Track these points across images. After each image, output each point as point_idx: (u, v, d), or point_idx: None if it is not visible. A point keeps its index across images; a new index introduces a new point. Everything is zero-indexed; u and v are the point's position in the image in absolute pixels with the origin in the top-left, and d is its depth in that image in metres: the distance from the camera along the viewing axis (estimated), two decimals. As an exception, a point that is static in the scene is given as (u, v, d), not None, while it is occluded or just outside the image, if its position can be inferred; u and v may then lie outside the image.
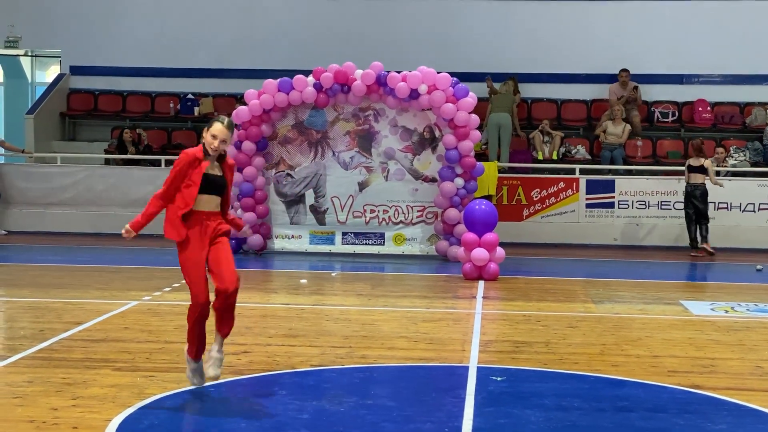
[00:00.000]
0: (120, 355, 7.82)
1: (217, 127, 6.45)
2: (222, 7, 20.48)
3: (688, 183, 15.88)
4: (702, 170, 15.79)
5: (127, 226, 6.64)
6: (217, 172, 6.55)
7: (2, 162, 18.85)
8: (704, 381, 7.30)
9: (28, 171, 18.13)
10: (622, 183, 17.26)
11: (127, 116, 20.29)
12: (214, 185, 6.49)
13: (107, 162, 18.93)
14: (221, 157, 6.56)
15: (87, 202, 17.73)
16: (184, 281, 12.07)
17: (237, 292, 6.50)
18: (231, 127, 6.52)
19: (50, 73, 23.01)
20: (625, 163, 18.17)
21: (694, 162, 15.86)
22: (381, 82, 14.35)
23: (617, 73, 19.14)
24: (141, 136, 18.76)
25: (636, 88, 18.92)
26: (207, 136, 6.47)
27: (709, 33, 19.51)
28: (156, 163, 18.29)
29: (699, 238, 15.88)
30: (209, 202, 6.50)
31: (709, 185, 15.77)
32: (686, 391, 6.97)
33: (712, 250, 15.75)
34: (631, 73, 19.06)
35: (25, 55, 22.53)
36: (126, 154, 18.28)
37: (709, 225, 15.92)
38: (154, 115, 20.30)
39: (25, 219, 17.81)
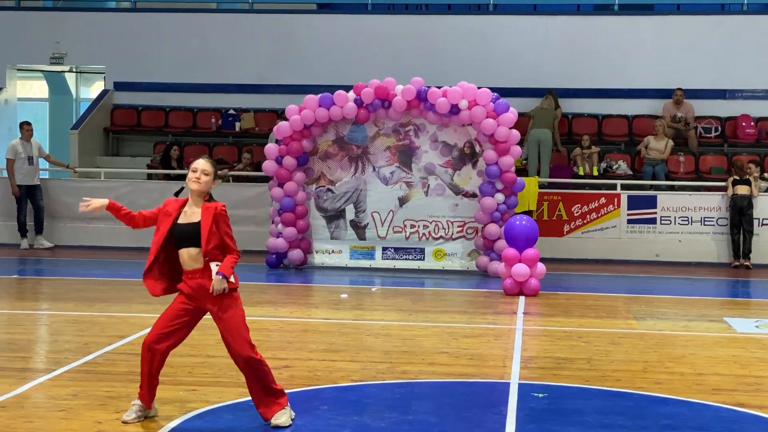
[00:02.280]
0: (163, 368, 7.86)
1: (196, 162, 6.20)
2: (263, 23, 20.62)
3: (734, 194, 16.21)
4: (747, 182, 16.37)
5: (96, 201, 6.36)
6: (190, 219, 6.20)
7: (47, 177, 19.08)
8: (749, 399, 7.21)
9: (73, 185, 18.31)
10: (664, 199, 17.11)
11: (169, 131, 20.46)
12: (181, 235, 6.18)
13: (150, 177, 19.10)
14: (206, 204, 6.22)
15: (130, 216, 17.86)
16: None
17: (250, 359, 6.16)
18: (213, 163, 6.22)
19: (94, 89, 23.29)
20: (667, 179, 18.02)
21: (739, 176, 16.42)
22: (421, 97, 14.37)
23: (659, 88, 19.10)
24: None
25: (688, 124, 18.79)
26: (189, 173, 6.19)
27: (752, 48, 19.33)
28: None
29: (741, 254, 16.30)
30: (185, 254, 6.20)
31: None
32: (731, 410, 6.89)
33: (750, 265, 16.21)
34: (671, 88, 18.95)
35: (70, 71, 22.82)
36: (170, 169, 18.47)
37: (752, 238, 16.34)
38: (196, 130, 20.46)
39: (70, 233, 17.99)
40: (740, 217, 16.30)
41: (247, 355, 6.10)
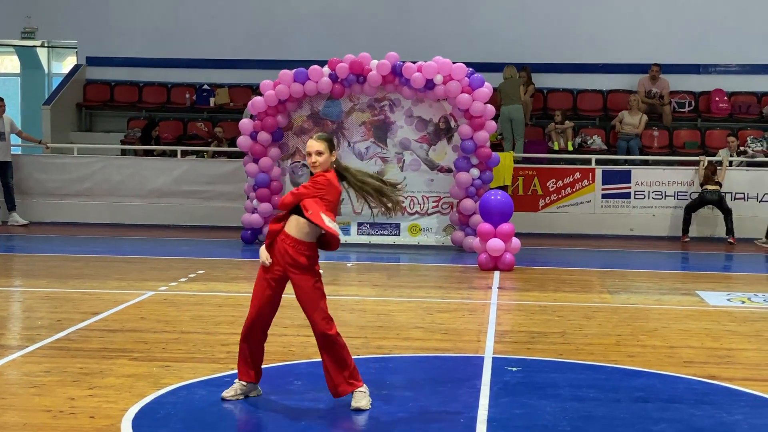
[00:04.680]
0: (136, 345, 7.86)
1: (308, 143, 6.11)
2: (237, -2, 20.50)
3: (703, 188, 16.22)
4: (719, 183, 16.38)
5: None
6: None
7: (20, 153, 18.93)
8: (721, 371, 7.28)
9: (45, 162, 18.20)
10: (638, 173, 17.19)
11: (143, 107, 20.34)
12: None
13: (123, 153, 19.00)
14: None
15: (104, 192, 17.79)
16: (201, 271, 12.16)
17: (327, 334, 6.10)
18: (324, 139, 6.06)
19: (66, 64, 23.07)
20: (641, 154, 18.10)
21: (709, 180, 16.35)
22: (396, 72, 14.33)
23: (634, 63, 19.17)
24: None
25: (662, 98, 18.84)
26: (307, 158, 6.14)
27: (726, 23, 19.39)
28: (172, 154, 18.35)
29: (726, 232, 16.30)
30: (290, 223, 6.16)
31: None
32: (702, 382, 6.95)
33: (734, 241, 16.09)
34: (646, 63, 19.02)
35: (42, 46, 22.59)
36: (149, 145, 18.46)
37: (732, 217, 16.24)
38: (170, 105, 20.35)
39: (42, 210, 17.88)
40: (702, 205, 16.37)
41: (321, 329, 6.15)
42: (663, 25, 19.50)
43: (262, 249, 6.24)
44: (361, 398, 6.10)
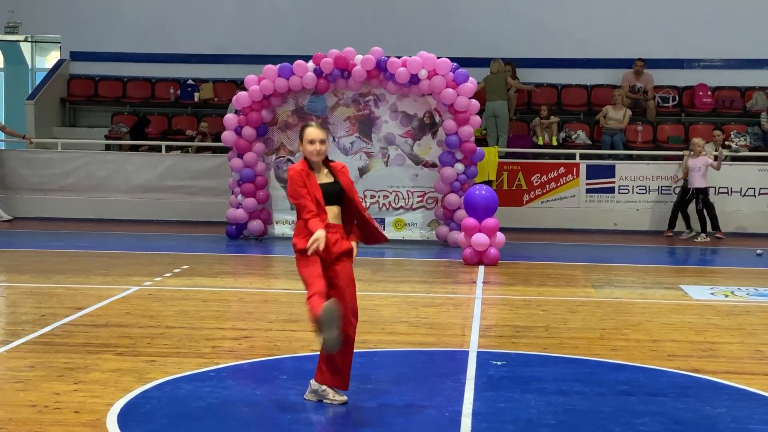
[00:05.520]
0: (121, 340, 7.85)
1: (311, 131, 6.04)
2: (222, -7, 20.45)
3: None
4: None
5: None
6: (328, 179, 6.09)
7: (3, 148, 18.85)
8: (704, 365, 7.32)
9: (29, 157, 18.13)
10: (622, 168, 17.25)
11: (127, 102, 20.28)
12: (328, 195, 6.04)
13: (108, 148, 18.94)
14: (328, 165, 6.15)
15: (88, 187, 17.74)
16: (185, 266, 12.13)
17: (354, 327, 6.11)
18: (323, 127, 6.03)
19: (50, 58, 22.99)
20: (625, 149, 18.16)
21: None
22: (381, 67, 14.34)
23: (620, 58, 19.23)
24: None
25: (646, 93, 18.91)
26: (305, 146, 6.03)
27: (710, 17, 19.47)
28: (156, 149, 18.30)
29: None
30: (329, 213, 6.05)
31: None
32: (686, 375, 6.99)
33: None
34: (630, 57, 19.08)
35: (26, 40, 22.50)
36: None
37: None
38: (155, 100, 20.29)
39: (26, 205, 17.82)
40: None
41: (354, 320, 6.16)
42: (647, 20, 19.56)
43: (323, 234, 5.93)
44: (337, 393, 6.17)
